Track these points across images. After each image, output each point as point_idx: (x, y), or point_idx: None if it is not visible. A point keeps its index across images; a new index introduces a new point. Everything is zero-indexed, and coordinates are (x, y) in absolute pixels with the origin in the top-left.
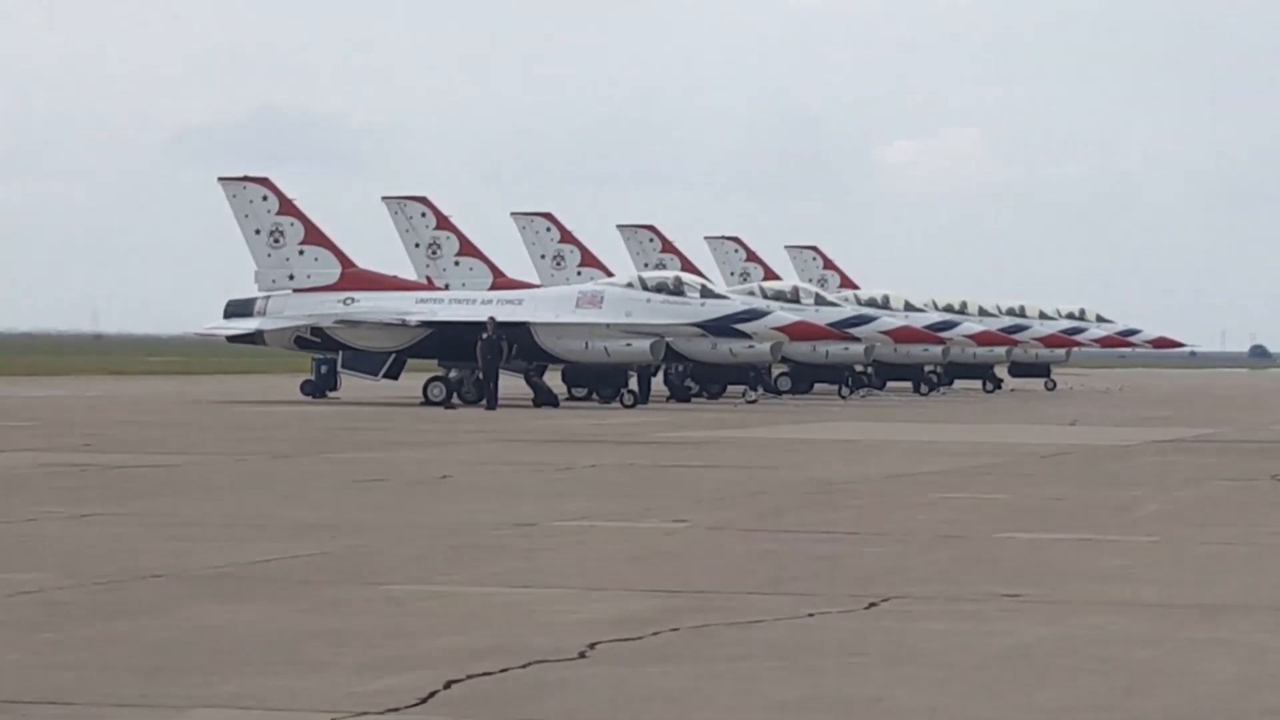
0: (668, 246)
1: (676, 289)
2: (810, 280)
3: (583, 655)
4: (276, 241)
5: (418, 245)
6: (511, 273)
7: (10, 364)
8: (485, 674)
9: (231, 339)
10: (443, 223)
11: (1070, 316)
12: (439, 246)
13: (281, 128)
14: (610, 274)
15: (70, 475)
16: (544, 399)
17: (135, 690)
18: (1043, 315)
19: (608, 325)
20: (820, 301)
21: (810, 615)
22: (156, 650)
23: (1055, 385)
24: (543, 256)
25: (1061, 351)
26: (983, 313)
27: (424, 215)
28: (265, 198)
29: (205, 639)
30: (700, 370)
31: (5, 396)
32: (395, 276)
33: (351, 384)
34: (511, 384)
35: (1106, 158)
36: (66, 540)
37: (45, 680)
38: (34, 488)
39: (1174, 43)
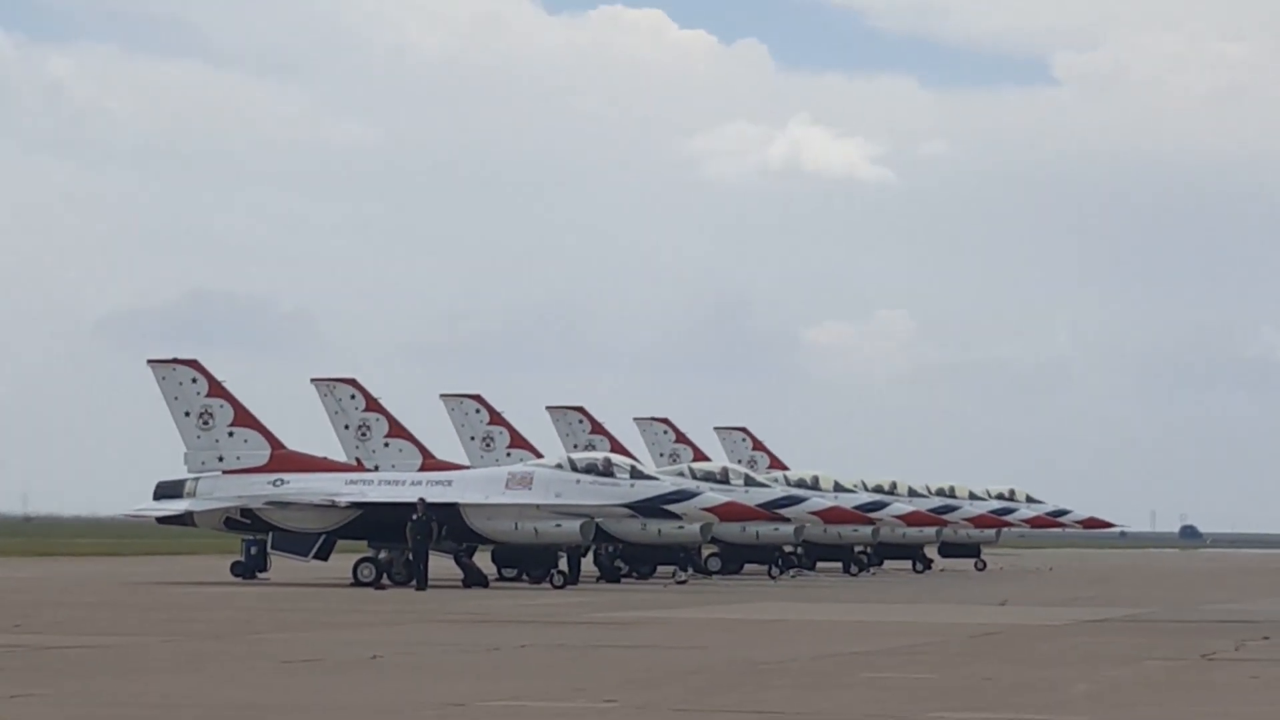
0: (597, 428)
1: (606, 470)
2: (740, 461)
3: None
4: (206, 423)
5: (347, 427)
6: (441, 454)
7: None
8: None
9: (161, 520)
10: (372, 404)
11: (1000, 497)
12: (368, 428)
13: (210, 310)
14: (540, 455)
15: (0, 656)
16: (474, 579)
17: None
18: (972, 496)
19: (538, 506)
20: (750, 482)
21: None
22: None
23: (985, 565)
24: (472, 438)
25: (991, 532)
26: (912, 493)
27: (353, 397)
28: (194, 380)
29: None
30: (630, 551)
31: None
32: (325, 458)
33: (282, 565)
34: (441, 564)
35: (1036, 339)
36: None
37: None
38: None
39: (1104, 226)
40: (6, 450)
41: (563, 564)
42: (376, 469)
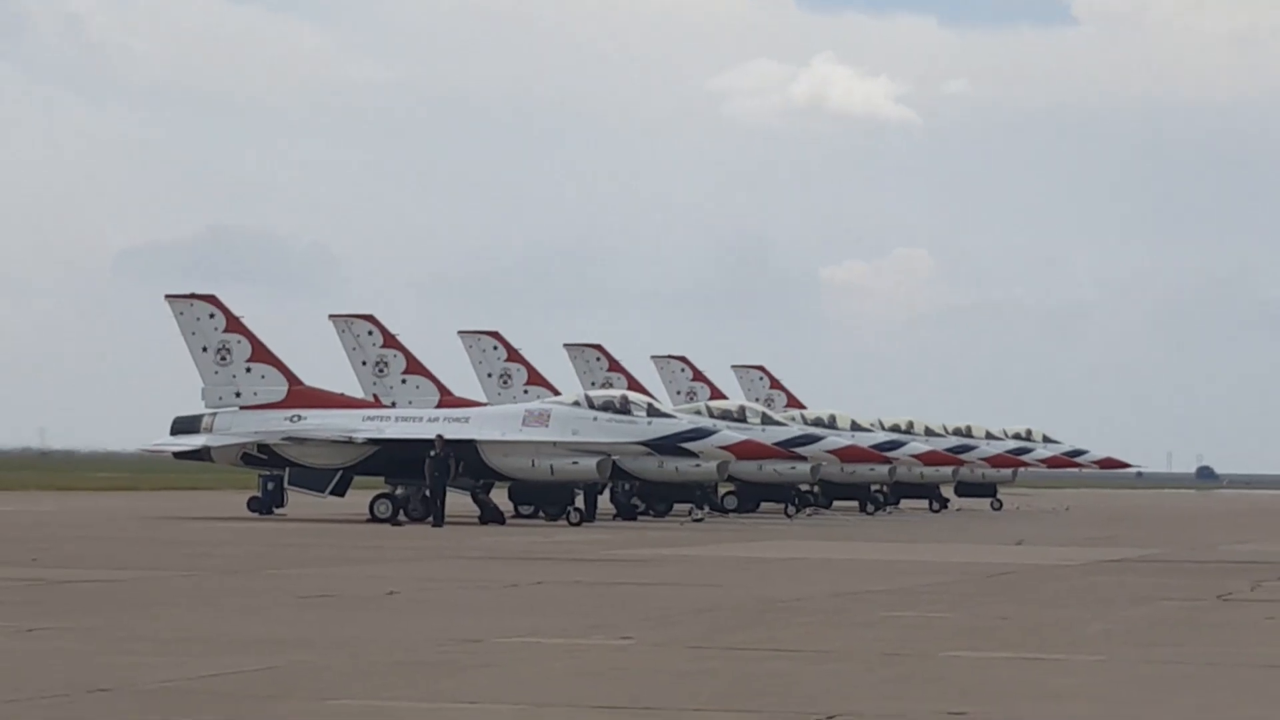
0: (614, 365)
1: (623, 408)
2: (757, 400)
3: None
4: (223, 359)
5: (365, 363)
6: (458, 391)
7: None
8: None
9: (178, 455)
10: (389, 341)
11: (1017, 437)
12: (386, 364)
13: (229, 246)
14: (557, 393)
15: (17, 590)
16: (490, 516)
17: None
18: (989, 435)
19: (554, 443)
20: (767, 421)
21: None
22: None
23: (1001, 505)
24: (489, 375)
25: (1008, 471)
26: (929, 433)
27: (371, 333)
28: (212, 315)
29: None
30: (647, 488)
31: None
32: (342, 394)
33: (298, 501)
34: (458, 501)
35: (1054, 280)
36: (13, 655)
37: None
38: None
39: (1123, 166)
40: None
41: (579, 501)
42: (394, 405)
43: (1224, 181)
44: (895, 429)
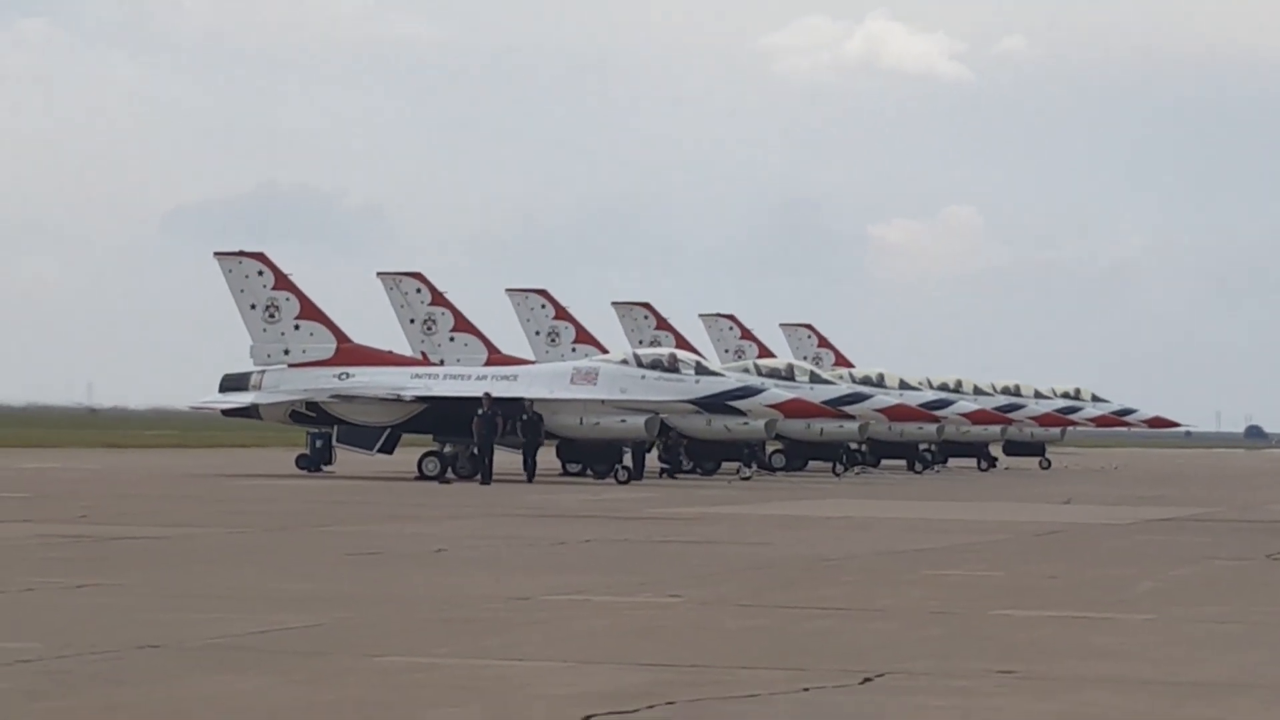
0: (662, 324)
1: (671, 366)
2: (805, 358)
3: None
4: (272, 316)
5: (413, 321)
6: (506, 349)
7: (6, 436)
8: None
9: (227, 413)
10: (438, 298)
11: (1066, 396)
12: (434, 322)
13: (278, 204)
14: (605, 351)
15: (66, 546)
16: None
17: None
18: (1038, 394)
19: (603, 401)
20: (815, 379)
21: (805, 690)
22: None
23: (1050, 464)
24: (537, 333)
25: (1056, 430)
26: (978, 391)
27: (419, 291)
28: (261, 273)
29: (202, 709)
30: (694, 447)
31: (1, 469)
32: (390, 352)
33: (347, 458)
34: (506, 459)
35: (1104, 238)
36: (63, 610)
37: None
38: (30, 558)
39: (1174, 126)
40: (74, 343)
41: (627, 459)
42: (442, 363)
43: (1277, 139)
44: (943, 388)
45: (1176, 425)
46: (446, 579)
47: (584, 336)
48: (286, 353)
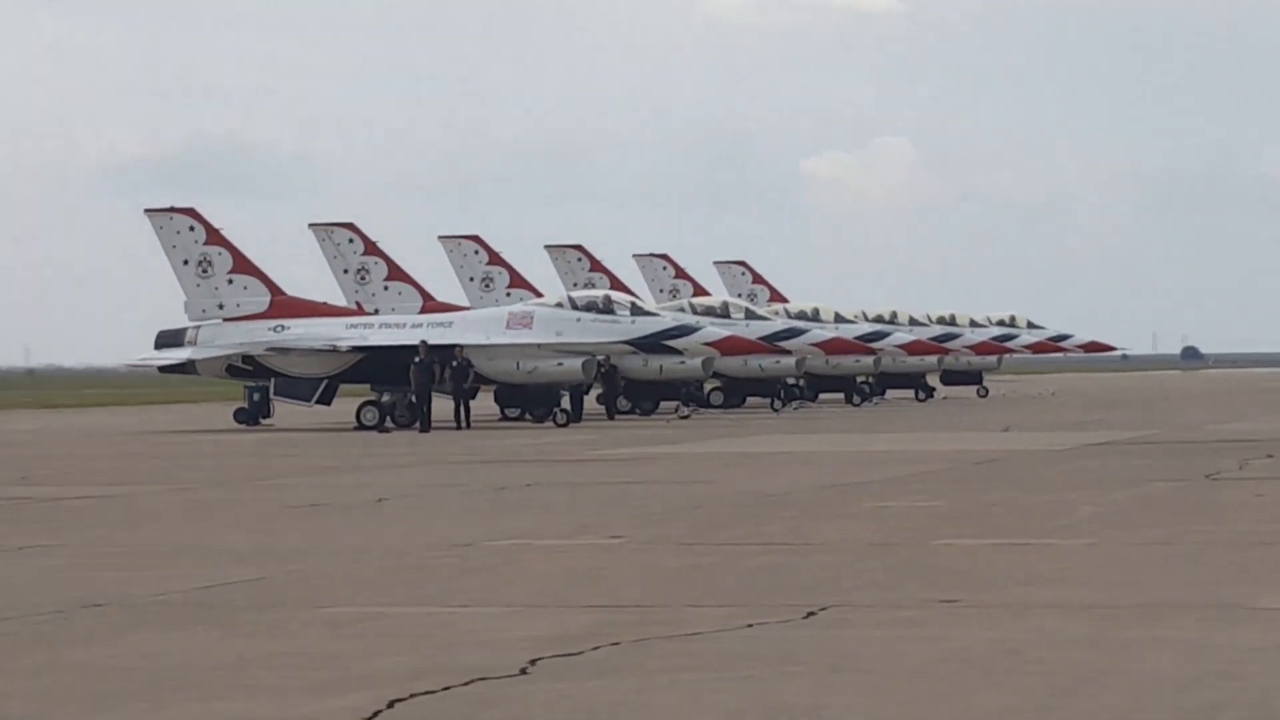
0: (596, 265)
1: (606, 307)
2: (740, 295)
3: (524, 671)
4: (205, 271)
5: (346, 271)
6: (441, 296)
7: None
8: (428, 692)
9: (163, 369)
10: (370, 248)
11: (1001, 324)
12: (367, 272)
13: (207, 158)
14: (539, 295)
15: (7, 509)
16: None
17: (81, 718)
18: (973, 323)
19: (539, 345)
20: (750, 316)
21: (749, 626)
22: (101, 677)
23: (988, 392)
24: (471, 279)
25: (993, 358)
26: (913, 322)
27: (351, 241)
28: (192, 228)
29: (150, 665)
30: (632, 387)
31: None
32: (325, 303)
33: (285, 411)
34: (443, 407)
35: (1036, 164)
36: (5, 572)
37: None
38: None
39: (1102, 49)
40: (8, 304)
41: (565, 402)
42: (377, 312)
43: (1209, 61)
44: (879, 320)
45: (1112, 349)
46: (389, 528)
47: (518, 281)
48: (221, 307)
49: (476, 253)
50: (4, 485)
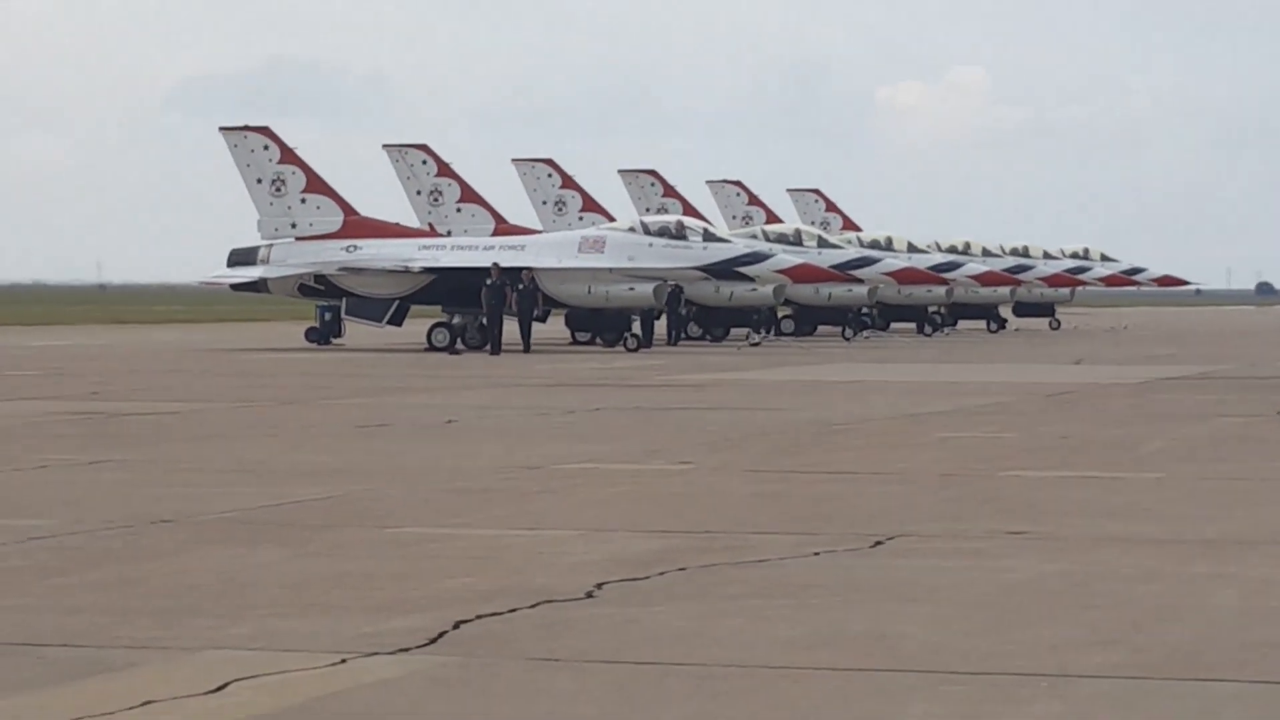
0: (669, 191)
1: (678, 233)
2: (812, 223)
3: (590, 595)
4: (278, 190)
5: (419, 193)
6: (513, 219)
7: (16, 314)
8: (494, 614)
9: (235, 287)
10: (444, 170)
11: (1075, 256)
12: (440, 193)
13: (283, 78)
14: (612, 219)
15: (78, 423)
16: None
17: (147, 633)
18: (1047, 255)
19: (610, 270)
20: (823, 244)
21: (816, 554)
22: (167, 593)
23: (1060, 325)
24: (544, 202)
25: (1066, 291)
26: (986, 253)
27: (425, 163)
28: (266, 147)
29: (215, 582)
30: (703, 314)
31: (12, 346)
32: (397, 224)
33: (356, 331)
34: (514, 329)
35: (1113, 97)
36: (75, 486)
37: (58, 624)
38: (42, 435)
39: None
40: (83, 221)
41: (636, 327)
42: (449, 234)
43: None
44: (952, 250)
45: (1186, 283)
46: (457, 449)
47: (591, 205)
48: (294, 226)
49: (550, 176)
50: (75, 400)
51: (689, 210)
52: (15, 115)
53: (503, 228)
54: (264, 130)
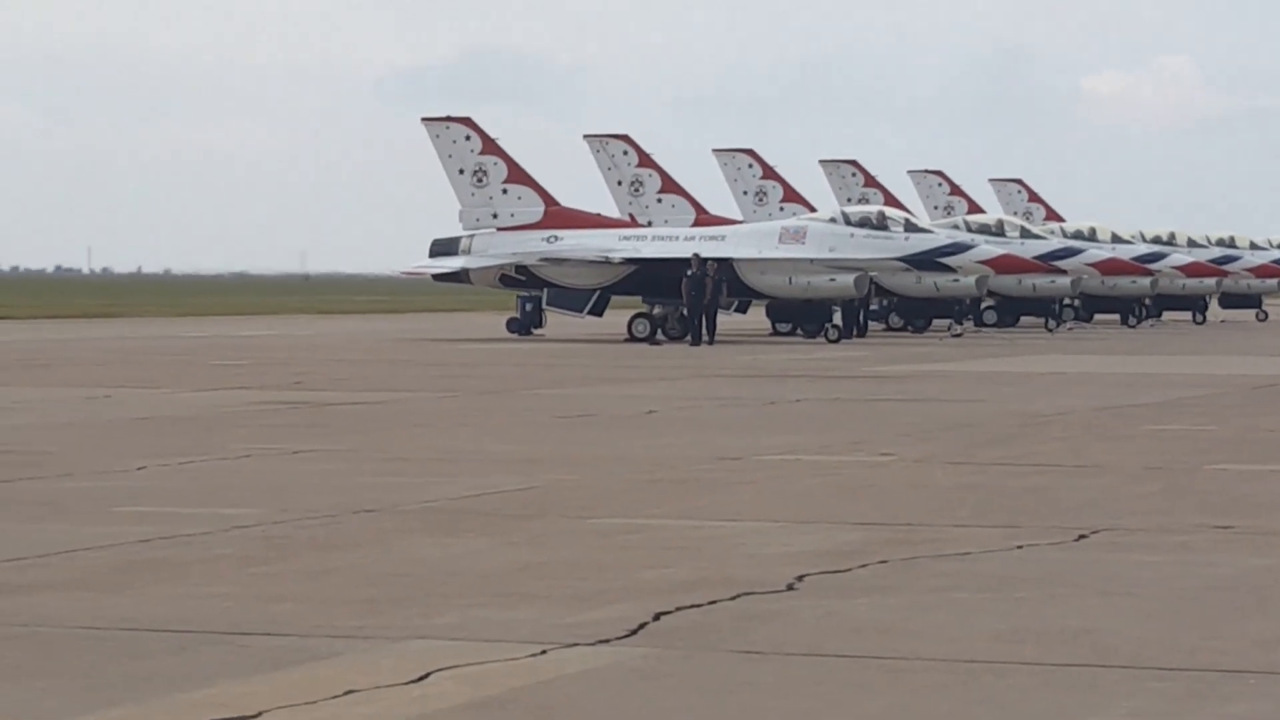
0: (870, 181)
1: (880, 223)
2: (1015, 213)
3: (791, 587)
4: (480, 181)
5: (620, 183)
6: (713, 209)
7: (221, 304)
8: (694, 606)
9: (437, 277)
10: (645, 160)
11: None
12: (641, 184)
13: (484, 68)
14: (813, 209)
15: (282, 413)
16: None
17: (351, 622)
18: (1254, 245)
19: (811, 260)
20: (1025, 234)
21: (1019, 547)
22: (370, 583)
23: (1267, 316)
24: (745, 193)
25: (1273, 281)
26: (1192, 244)
27: (626, 153)
28: (468, 138)
29: (418, 572)
30: (905, 305)
31: (217, 336)
32: (598, 214)
33: (557, 321)
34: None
35: None
36: (280, 476)
37: (262, 612)
38: (247, 425)
39: None
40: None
41: (837, 318)
42: (650, 224)
43: None
44: (1157, 240)
45: None
46: (658, 440)
47: (791, 195)
48: (495, 216)
49: (750, 166)
50: (279, 389)
51: (890, 200)
52: (221, 108)
53: (703, 218)
54: (466, 121)
